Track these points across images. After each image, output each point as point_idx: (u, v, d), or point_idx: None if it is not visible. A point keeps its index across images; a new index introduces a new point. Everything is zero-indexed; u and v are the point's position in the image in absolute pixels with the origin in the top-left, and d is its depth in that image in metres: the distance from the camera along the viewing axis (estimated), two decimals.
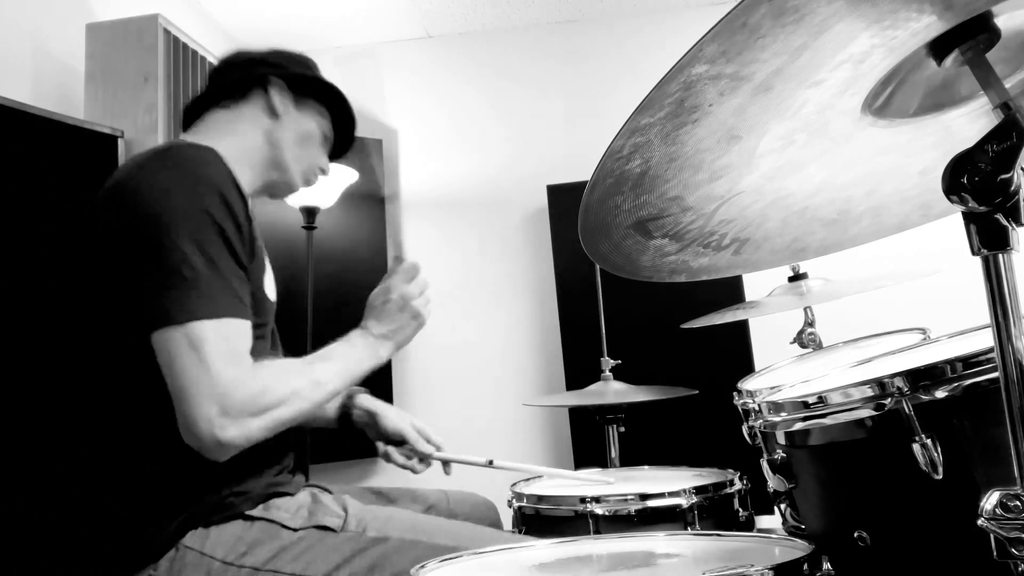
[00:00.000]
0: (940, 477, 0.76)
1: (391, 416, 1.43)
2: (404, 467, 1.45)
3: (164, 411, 1.01)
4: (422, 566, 0.88)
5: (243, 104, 1.26)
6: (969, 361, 0.77)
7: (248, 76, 1.26)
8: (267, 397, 0.98)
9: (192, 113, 1.29)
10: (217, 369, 0.94)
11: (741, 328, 2.73)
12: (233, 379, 0.95)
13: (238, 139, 1.23)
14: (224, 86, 1.27)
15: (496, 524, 1.46)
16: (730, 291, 2.65)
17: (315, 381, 1.05)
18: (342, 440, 1.16)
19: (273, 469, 1.13)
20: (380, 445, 1.46)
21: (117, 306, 1.03)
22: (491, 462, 1.39)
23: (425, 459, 1.44)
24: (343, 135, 1.39)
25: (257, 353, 1.02)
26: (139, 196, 1.01)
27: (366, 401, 1.45)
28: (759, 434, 1.07)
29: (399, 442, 1.43)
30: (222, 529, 1.02)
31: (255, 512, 1.05)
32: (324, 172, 1.37)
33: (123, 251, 1.00)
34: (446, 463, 1.47)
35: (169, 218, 0.98)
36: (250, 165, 1.24)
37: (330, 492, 1.25)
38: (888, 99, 0.78)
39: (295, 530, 1.04)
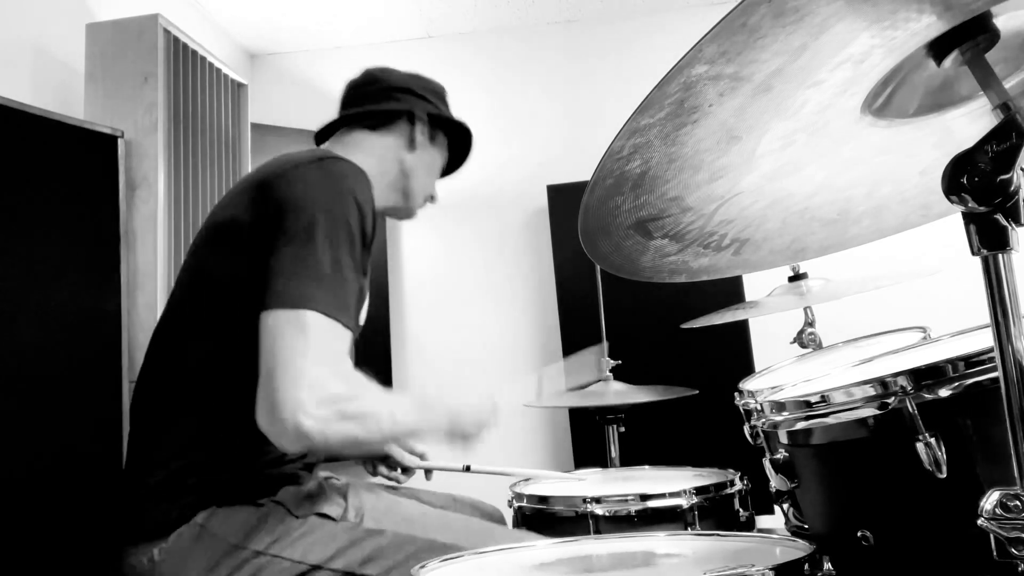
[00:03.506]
0: (944, 476, 0.76)
1: None
2: (389, 479, 1.48)
3: (210, 399, 1.05)
4: (422, 566, 0.88)
5: (387, 130, 1.35)
6: (972, 360, 0.77)
7: (399, 109, 1.35)
8: (354, 406, 0.98)
9: (335, 125, 1.37)
10: (318, 358, 0.95)
11: (741, 328, 2.73)
12: (332, 374, 0.96)
13: (376, 161, 1.31)
14: (373, 112, 1.35)
15: None
16: (730, 291, 2.65)
17: (391, 415, 1.05)
18: None
19: (292, 461, 1.15)
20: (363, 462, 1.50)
21: (229, 285, 1.06)
22: (468, 467, 1.42)
23: (408, 470, 1.48)
24: (455, 160, 1.50)
25: None
26: (290, 188, 1.06)
27: None
28: (761, 433, 1.07)
29: (383, 457, 1.47)
30: (232, 511, 1.04)
31: (264, 500, 1.07)
32: (434, 199, 1.45)
33: (260, 234, 1.04)
34: (427, 471, 1.50)
35: (312, 214, 1.02)
36: (380, 187, 1.30)
37: (339, 480, 1.27)
38: (888, 99, 0.78)
39: (298, 517, 1.07)
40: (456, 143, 1.47)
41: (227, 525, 1.03)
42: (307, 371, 0.93)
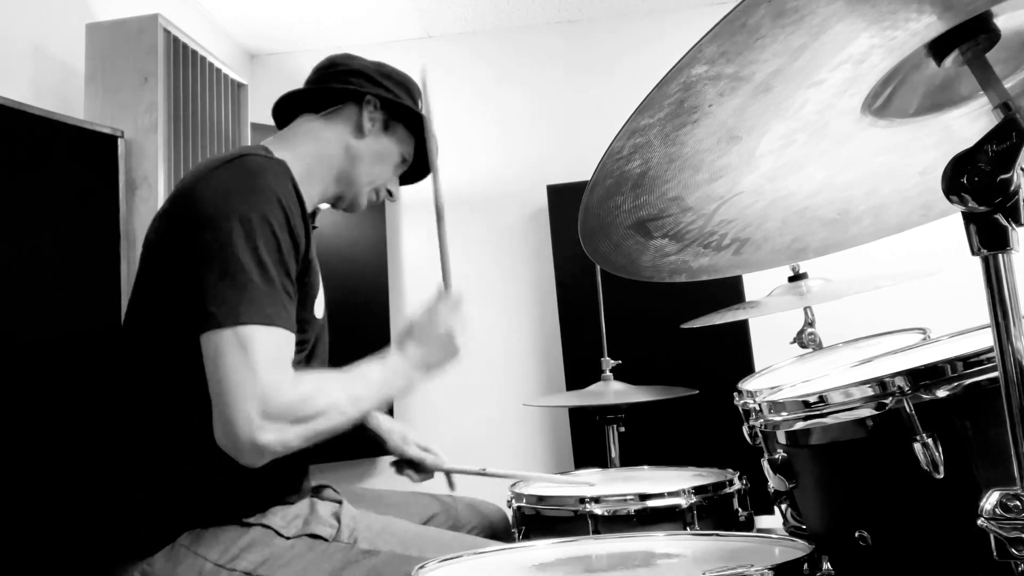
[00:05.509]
0: (941, 476, 0.76)
1: (395, 440, 1.49)
2: (412, 479, 1.50)
3: (185, 411, 1.04)
4: (422, 566, 0.88)
5: (335, 114, 1.29)
6: (970, 360, 0.77)
7: (345, 89, 1.29)
8: (308, 407, 0.98)
9: (286, 111, 1.33)
10: (262, 371, 0.94)
11: (741, 328, 2.72)
12: (276, 383, 0.95)
13: (320, 146, 1.27)
14: (319, 94, 1.30)
15: (504, 530, 1.47)
16: (730, 291, 2.65)
17: (353, 397, 1.05)
18: (342, 440, 1.19)
19: (279, 478, 1.13)
20: (392, 456, 1.52)
21: (171, 306, 1.05)
22: (484, 470, 1.44)
23: (428, 472, 1.49)
24: (423, 161, 1.41)
25: (298, 368, 1.03)
26: (203, 201, 1.03)
27: (375, 419, 1.50)
28: (760, 434, 1.07)
29: (408, 461, 1.49)
30: (218, 532, 1.03)
31: (251, 519, 1.06)
32: (391, 195, 1.38)
33: (182, 253, 1.02)
34: (448, 475, 1.52)
35: (229, 224, 0.99)
36: (322, 175, 1.27)
37: (335, 491, 1.25)
38: (888, 99, 0.78)
39: (288, 538, 1.05)
40: (423, 141, 1.39)
41: (212, 546, 1.02)
42: (253, 386, 0.93)
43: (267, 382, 0.94)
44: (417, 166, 1.43)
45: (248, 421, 0.92)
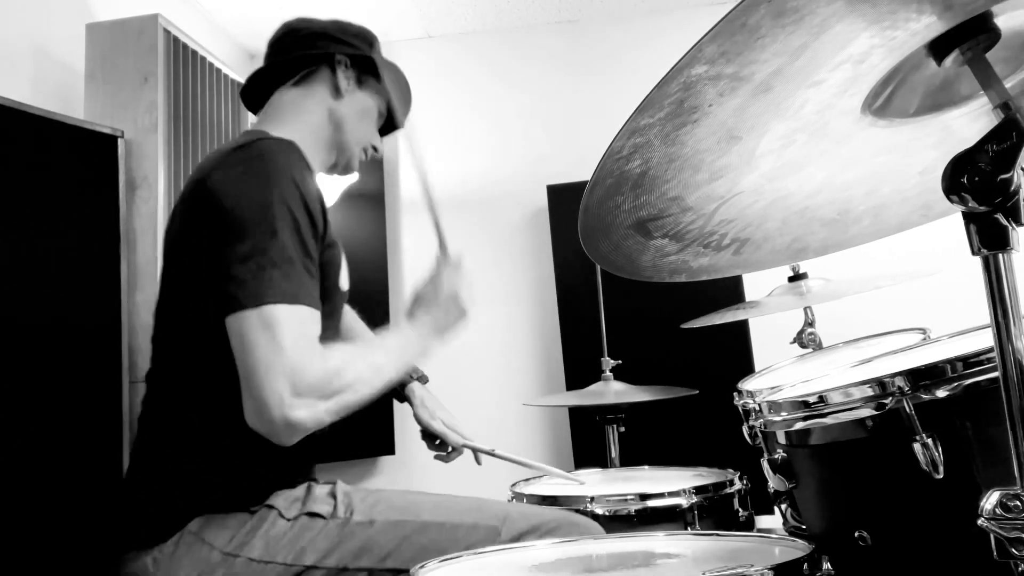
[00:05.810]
0: (941, 477, 0.76)
1: (423, 414, 1.52)
2: (434, 454, 1.52)
3: (184, 412, 1.06)
4: (422, 566, 0.89)
5: (309, 81, 1.28)
6: (969, 361, 0.77)
7: (314, 54, 1.28)
8: (337, 381, 0.99)
9: (257, 91, 1.32)
10: (290, 350, 0.95)
11: (741, 328, 2.72)
12: (305, 360, 0.96)
13: (305, 119, 1.26)
14: (290, 63, 1.29)
15: None
16: (730, 291, 2.65)
17: (376, 368, 1.07)
18: (342, 440, 1.18)
19: (282, 474, 1.14)
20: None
21: (196, 292, 1.06)
22: (493, 451, 1.48)
23: (454, 450, 1.51)
24: (393, 112, 1.41)
25: (326, 340, 1.04)
26: (217, 188, 1.04)
27: (411, 388, 1.55)
28: (760, 434, 1.07)
29: (433, 436, 1.51)
30: (225, 519, 1.05)
31: (256, 506, 1.08)
32: (376, 150, 1.38)
33: (201, 240, 1.03)
34: (475, 452, 1.53)
35: (244, 209, 1.00)
36: (317, 146, 1.28)
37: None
38: (888, 99, 0.78)
39: (288, 519, 1.07)
40: (394, 91, 1.38)
41: (220, 533, 1.03)
42: (282, 364, 0.94)
43: (295, 360, 0.95)
44: (391, 118, 1.43)
45: (279, 400, 0.93)
